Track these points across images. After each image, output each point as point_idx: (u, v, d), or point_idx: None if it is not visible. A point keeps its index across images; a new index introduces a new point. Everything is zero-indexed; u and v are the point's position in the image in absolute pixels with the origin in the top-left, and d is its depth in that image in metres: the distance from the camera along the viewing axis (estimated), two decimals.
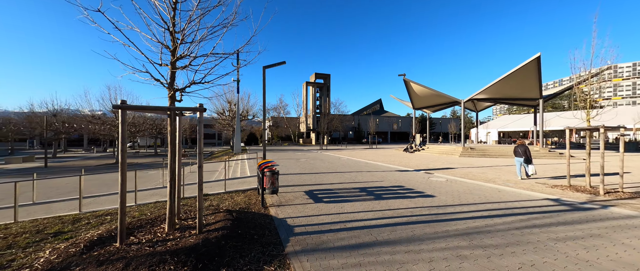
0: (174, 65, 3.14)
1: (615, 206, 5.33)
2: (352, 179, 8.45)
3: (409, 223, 4.05)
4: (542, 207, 5.19)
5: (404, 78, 20.99)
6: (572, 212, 4.85)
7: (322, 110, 51.55)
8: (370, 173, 9.98)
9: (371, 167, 11.87)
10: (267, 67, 9.18)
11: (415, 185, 7.47)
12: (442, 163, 13.89)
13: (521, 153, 8.65)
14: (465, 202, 5.50)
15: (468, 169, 11.27)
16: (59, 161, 24.49)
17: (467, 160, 15.70)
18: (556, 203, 5.58)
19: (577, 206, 5.28)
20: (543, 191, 6.78)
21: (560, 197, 6.16)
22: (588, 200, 5.89)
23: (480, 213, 4.73)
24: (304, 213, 4.47)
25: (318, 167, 11.93)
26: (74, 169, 16.73)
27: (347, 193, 6.21)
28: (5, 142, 35.01)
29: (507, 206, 5.22)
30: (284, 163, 13.90)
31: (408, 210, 4.85)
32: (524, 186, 7.45)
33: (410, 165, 12.93)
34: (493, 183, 7.95)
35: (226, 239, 2.78)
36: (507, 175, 9.43)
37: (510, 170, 11.09)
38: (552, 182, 8.09)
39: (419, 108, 25.80)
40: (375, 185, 7.38)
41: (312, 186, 7.23)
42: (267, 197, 5.63)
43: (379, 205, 5.19)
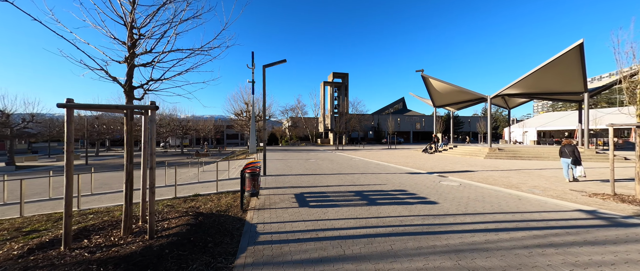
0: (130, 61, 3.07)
1: None
2: (352, 181, 7.98)
3: (392, 235, 3.56)
4: (568, 220, 4.30)
5: (422, 75, 19.71)
6: (608, 229, 3.93)
7: (340, 110, 50.92)
8: (376, 175, 9.38)
9: (381, 169, 11.22)
10: (267, 65, 9.09)
11: (420, 189, 6.79)
12: (462, 165, 12.69)
13: (568, 154, 8.10)
14: (472, 211, 4.79)
15: (490, 172, 10.10)
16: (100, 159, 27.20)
17: (492, 162, 14.19)
18: (590, 216, 4.60)
19: (617, 221, 4.29)
20: (577, 200, 5.72)
21: (598, 208, 5.11)
22: (636, 213, 4.79)
23: (484, 225, 4.04)
24: (282, 219, 4.19)
25: (323, 168, 11.59)
26: (107, 166, 18.35)
27: (339, 197, 5.80)
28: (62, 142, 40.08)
29: (522, 218, 4.43)
30: (292, 163, 13.78)
31: (399, 218, 4.32)
32: (553, 194, 6.38)
33: (425, 167, 12.01)
34: (515, 189, 6.95)
35: (172, 247, 2.62)
36: (536, 180, 8.22)
37: (542, 174, 9.71)
38: (593, 189, 6.85)
39: (440, 106, 24.11)
40: (375, 189, 6.85)
41: (307, 188, 6.93)
42: (253, 199, 5.46)
43: (368, 211, 4.72)
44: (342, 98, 51.11)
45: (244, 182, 4.43)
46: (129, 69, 3.08)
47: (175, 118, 34.53)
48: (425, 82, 20.51)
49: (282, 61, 9.19)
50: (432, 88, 21.05)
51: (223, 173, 10.27)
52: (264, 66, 8.93)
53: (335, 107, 51.85)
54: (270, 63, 9.05)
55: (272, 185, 7.42)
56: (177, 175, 9.56)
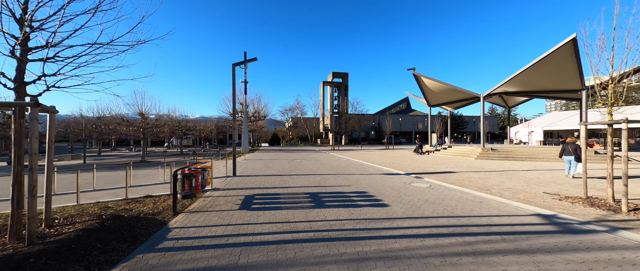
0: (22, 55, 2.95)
1: (633, 229, 3.87)
2: (319, 183, 7.76)
3: (311, 241, 3.34)
4: (514, 226, 3.98)
5: (414, 73, 19.27)
6: (552, 235, 3.60)
7: (339, 110, 50.61)
8: (349, 176, 9.13)
9: (360, 170, 10.95)
10: (236, 64, 8.98)
11: (383, 191, 6.52)
12: (448, 166, 12.29)
13: (572, 152, 8.52)
14: (419, 215, 4.51)
15: (471, 174, 9.70)
16: (101, 158, 27.75)
17: (481, 163, 13.70)
18: (543, 221, 4.26)
19: (571, 228, 3.94)
20: (542, 204, 5.36)
21: (561, 212, 4.75)
22: (599, 218, 4.42)
23: (427, 229, 3.78)
24: (208, 222, 4.02)
25: (301, 168, 11.39)
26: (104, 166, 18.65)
27: (291, 200, 5.60)
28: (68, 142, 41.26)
29: (468, 223, 4.13)
30: (273, 164, 13.64)
31: (334, 222, 4.09)
32: (522, 196, 6.02)
33: (407, 168, 11.67)
34: (485, 191, 6.60)
35: (43, 255, 2.48)
36: (514, 182, 7.82)
37: (525, 176, 9.29)
38: (568, 192, 6.44)
39: (435, 105, 23.56)
40: (335, 191, 6.61)
41: (265, 190, 6.75)
42: (199, 200, 5.32)
43: (308, 215, 4.50)
44: (341, 98, 50.78)
45: (176, 183, 4.29)
46: (19, 64, 2.97)
47: (174, 119, 34.96)
48: (418, 80, 20.05)
49: (252, 59, 9.05)
50: (425, 87, 20.57)
51: None
52: (233, 64, 8.81)
53: (335, 107, 51.56)
54: (239, 61, 8.93)
55: (233, 186, 7.28)
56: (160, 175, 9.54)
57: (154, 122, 27.12)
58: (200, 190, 5.15)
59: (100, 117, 32.88)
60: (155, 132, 27.65)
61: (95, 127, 30.98)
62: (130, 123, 25.31)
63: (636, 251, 3.11)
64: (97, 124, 30.98)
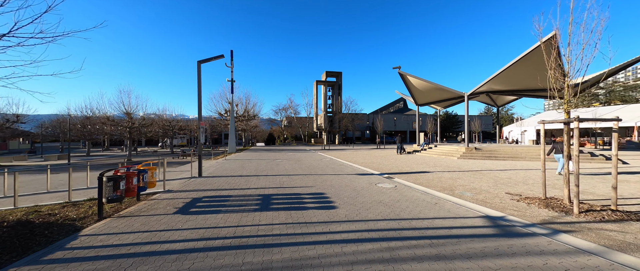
0: None
1: (574, 232, 3.71)
2: (282, 184, 7.55)
3: (223, 249, 3.14)
4: (458, 229, 3.80)
5: (399, 72, 19.08)
6: (492, 239, 3.42)
7: (333, 109, 50.39)
8: (317, 176, 8.93)
9: (336, 170, 10.76)
10: (202, 61, 8.75)
11: (343, 193, 6.33)
12: (426, 166, 12.13)
13: (560, 149, 8.88)
14: (364, 218, 4.33)
15: (445, 173, 9.54)
16: (88, 158, 27.41)
17: (463, 162, 13.56)
18: (489, 223, 4.09)
19: (511, 231, 3.77)
20: (497, 205, 5.19)
21: (511, 214, 4.58)
22: (546, 220, 4.26)
23: (357, 234, 3.59)
24: (129, 229, 3.78)
25: (275, 169, 11.19)
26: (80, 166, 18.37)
27: (237, 202, 5.39)
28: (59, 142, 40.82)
29: (411, 226, 3.95)
30: (250, 164, 13.41)
31: (268, 226, 3.90)
32: (480, 197, 5.85)
33: (384, 168, 11.50)
34: (447, 192, 6.43)
35: None
36: (482, 183, 7.66)
37: (497, 176, 9.16)
38: (533, 192, 6.28)
39: (423, 104, 23.40)
40: (292, 192, 6.41)
41: (218, 191, 6.53)
42: (141, 203, 5.10)
43: (244, 218, 4.30)
44: (335, 98, 50.56)
45: (102, 187, 4.07)
46: None
47: (164, 118, 34.56)
48: (404, 79, 19.87)
49: (219, 57, 8.81)
50: (411, 86, 20.40)
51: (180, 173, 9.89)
52: (198, 62, 8.57)
53: (329, 107, 51.34)
54: (205, 59, 8.69)
55: (189, 187, 7.05)
56: None
57: (140, 122, 26.80)
58: (137, 193, 4.92)
59: (88, 116, 32.52)
60: (142, 132, 27.38)
61: (82, 127, 30.61)
62: (116, 123, 25.00)
63: (563, 257, 2.94)
64: (84, 124, 30.61)
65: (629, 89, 60.77)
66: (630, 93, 59.38)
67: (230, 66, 23.18)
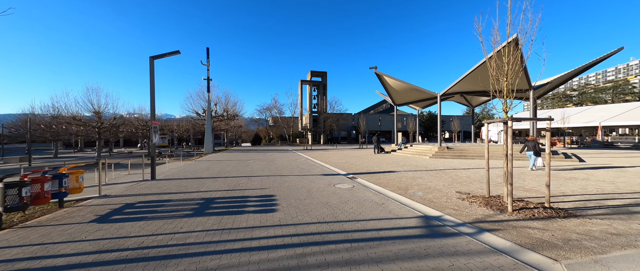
0: None
1: (498, 231, 3.72)
2: (234, 186, 7.27)
3: (111, 263, 2.87)
4: (388, 230, 3.71)
5: (376, 72, 19.21)
6: (415, 240, 3.36)
7: (318, 109, 50.30)
8: (279, 177, 8.73)
9: (304, 171, 10.60)
10: (155, 57, 8.30)
11: (294, 195, 6.17)
12: (397, 165, 12.22)
13: (531, 148, 9.97)
14: (299, 221, 4.18)
15: (409, 172, 9.61)
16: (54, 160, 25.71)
17: (432, 161, 13.80)
18: (423, 223, 4.04)
19: (439, 231, 3.73)
20: (441, 205, 5.19)
21: (450, 213, 4.58)
22: (479, 219, 4.28)
23: (278, 240, 3.44)
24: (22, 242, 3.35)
25: (241, 170, 10.88)
26: None
27: (172, 207, 5.09)
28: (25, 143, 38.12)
29: (342, 229, 3.83)
30: (219, 165, 12.99)
31: (185, 235, 3.66)
32: (428, 197, 5.85)
33: (355, 167, 11.46)
34: (401, 192, 6.43)
35: None
36: (440, 182, 7.73)
37: (458, 175, 9.33)
38: (482, 191, 6.37)
39: (401, 104, 23.75)
40: (240, 195, 6.17)
41: (160, 195, 6.19)
42: (63, 211, 4.68)
43: (167, 226, 4.02)
44: (320, 98, 50.49)
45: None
46: None
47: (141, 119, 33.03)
48: (381, 79, 20.03)
49: (174, 52, 8.40)
50: (388, 86, 20.60)
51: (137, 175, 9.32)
52: (151, 57, 8.12)
53: (314, 107, 51.20)
54: (159, 54, 8.26)
55: (132, 192, 6.63)
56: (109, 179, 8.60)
57: (110, 121, 25.44)
58: (60, 201, 4.52)
59: (56, 115, 30.57)
60: (113, 132, 26.00)
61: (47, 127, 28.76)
62: (83, 123, 23.59)
63: (472, 257, 2.91)
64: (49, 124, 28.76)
65: (599, 91, 64.96)
66: (600, 95, 63.51)
67: (206, 64, 22.53)
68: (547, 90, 17.46)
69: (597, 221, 4.06)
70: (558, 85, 17.65)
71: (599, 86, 70.47)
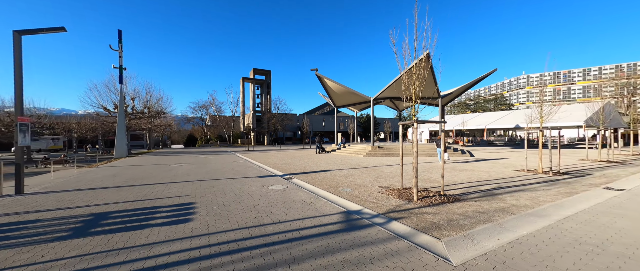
0: None
1: (403, 218, 4.23)
2: (143, 196, 6.20)
3: None
4: (310, 229, 3.75)
5: (317, 74, 19.80)
6: (333, 235, 3.49)
7: (262, 109, 48.53)
8: (204, 182, 7.93)
9: (239, 173, 9.90)
10: (23, 32, 6.29)
11: (219, 200, 5.65)
12: (334, 164, 12.77)
13: (439, 145, 12.18)
14: (216, 230, 3.80)
15: (342, 171, 10.18)
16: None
17: (365, 159, 15.08)
18: (343, 218, 4.26)
19: (356, 224, 4.00)
20: (365, 199, 5.62)
21: (370, 206, 4.98)
22: (392, 209, 4.79)
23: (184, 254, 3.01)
24: None
25: (160, 176, 9.43)
26: None
27: (42, 229, 3.95)
28: None
29: (264, 233, 3.65)
30: (131, 171, 10.93)
31: (47, 265, 2.82)
32: (353, 192, 6.28)
33: (291, 168, 11.40)
34: (331, 190, 6.68)
35: None
36: (367, 178, 8.41)
37: (383, 171, 10.39)
38: (400, 184, 7.21)
39: (341, 106, 25.19)
40: (147, 206, 5.29)
41: (26, 214, 4.76)
42: None
43: (19, 257, 3.04)
44: (264, 97, 48.84)
45: None
46: None
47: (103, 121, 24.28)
48: (322, 82, 20.77)
49: (55, 29, 6.52)
50: (328, 88, 21.53)
51: None
52: (16, 32, 6.07)
53: (258, 106, 49.15)
54: (30, 29, 6.27)
55: None
56: None
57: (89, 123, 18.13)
58: None
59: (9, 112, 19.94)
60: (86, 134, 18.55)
61: None
62: None
63: (377, 245, 3.21)
64: None
65: (486, 102, 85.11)
66: (487, 105, 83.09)
67: (118, 50, 18.62)
68: (451, 99, 21.49)
69: (473, 203, 5.15)
70: (457, 95, 21.98)
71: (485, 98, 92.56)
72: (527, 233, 3.54)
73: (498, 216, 4.32)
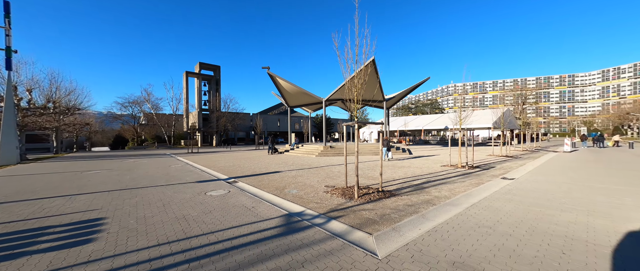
0: None
1: (342, 217, 4.34)
2: (32, 214, 4.93)
3: None
4: (247, 236, 3.48)
5: (269, 73, 19.21)
6: (269, 241, 3.31)
7: (210, 107, 44.62)
8: (123, 192, 6.79)
9: (172, 179, 8.75)
10: None
11: (136, 213, 4.85)
12: (285, 165, 12.51)
13: (385, 145, 13.62)
14: (124, 250, 3.18)
15: (291, 172, 10.05)
16: None
17: (317, 159, 15.30)
18: (284, 221, 4.12)
19: (296, 226, 3.92)
20: (310, 200, 5.59)
21: (310, 208, 4.95)
22: (333, 208, 4.87)
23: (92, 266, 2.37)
24: None
25: (60, 187, 7.70)
26: None
27: None
28: None
29: (188, 247, 3.22)
30: (18, 183, 8.63)
31: None
32: (298, 194, 6.22)
33: (239, 171, 10.71)
34: (278, 192, 6.46)
35: None
36: (315, 178, 8.47)
37: (332, 171, 10.67)
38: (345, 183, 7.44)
39: (294, 107, 25.07)
40: (31, 228, 4.21)
41: None
42: None
43: None
44: (213, 94, 44.99)
45: None
46: None
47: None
48: (274, 81, 20.27)
49: None
50: (281, 88, 21.15)
51: None
52: None
53: (205, 103, 44.98)
54: None
55: None
56: None
57: None
58: None
59: None
60: None
61: None
62: None
63: (313, 246, 3.19)
64: None
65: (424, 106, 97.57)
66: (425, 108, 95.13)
67: (4, 26, 14.45)
68: (394, 102, 23.66)
69: (404, 197, 5.68)
70: (400, 99, 24.36)
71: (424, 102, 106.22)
72: (442, 221, 4.06)
73: (423, 207, 4.85)
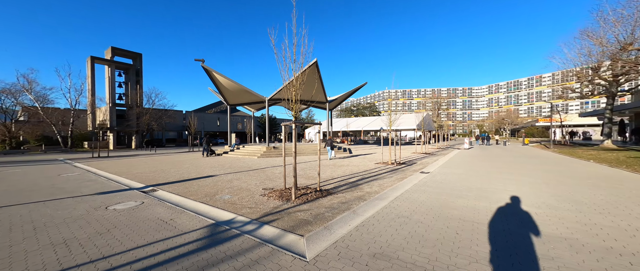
0: None
1: (275, 221, 4.13)
2: None
3: None
4: (157, 255, 2.85)
5: (203, 66, 17.28)
6: (179, 261, 2.81)
7: (127, 101, 37.14)
8: None
9: (61, 192, 6.80)
10: None
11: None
12: (221, 168, 11.40)
13: (328, 144, 15.06)
14: None
15: (227, 175, 9.22)
16: None
17: (258, 161, 14.60)
18: (209, 232, 3.62)
19: (222, 237, 3.51)
20: (243, 205, 5.15)
21: (242, 214, 4.55)
22: (268, 212, 4.61)
23: None
24: None
25: None
26: None
27: None
28: None
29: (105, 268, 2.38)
30: None
31: None
32: (237, 198, 5.70)
33: (161, 178, 9.15)
34: (207, 199, 5.73)
35: None
36: (252, 181, 7.96)
37: (273, 172, 10.33)
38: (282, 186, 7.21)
39: (234, 105, 23.38)
40: None
41: None
42: None
43: None
44: (132, 86, 37.56)
45: None
46: None
47: None
48: (210, 76, 18.37)
49: None
50: (219, 84, 19.37)
51: None
52: None
53: (120, 97, 37.16)
54: None
55: None
56: None
57: None
58: None
59: None
60: None
61: None
62: None
63: (238, 256, 2.90)
64: None
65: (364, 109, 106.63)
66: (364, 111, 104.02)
67: None
68: (337, 104, 24.83)
69: (340, 195, 5.91)
70: (342, 101, 25.77)
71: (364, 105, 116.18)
72: (370, 216, 4.36)
73: (355, 204, 5.13)
